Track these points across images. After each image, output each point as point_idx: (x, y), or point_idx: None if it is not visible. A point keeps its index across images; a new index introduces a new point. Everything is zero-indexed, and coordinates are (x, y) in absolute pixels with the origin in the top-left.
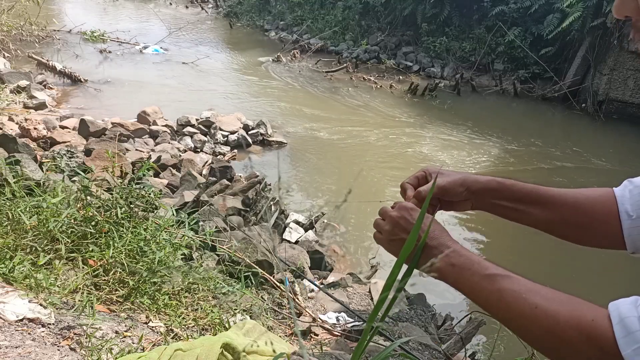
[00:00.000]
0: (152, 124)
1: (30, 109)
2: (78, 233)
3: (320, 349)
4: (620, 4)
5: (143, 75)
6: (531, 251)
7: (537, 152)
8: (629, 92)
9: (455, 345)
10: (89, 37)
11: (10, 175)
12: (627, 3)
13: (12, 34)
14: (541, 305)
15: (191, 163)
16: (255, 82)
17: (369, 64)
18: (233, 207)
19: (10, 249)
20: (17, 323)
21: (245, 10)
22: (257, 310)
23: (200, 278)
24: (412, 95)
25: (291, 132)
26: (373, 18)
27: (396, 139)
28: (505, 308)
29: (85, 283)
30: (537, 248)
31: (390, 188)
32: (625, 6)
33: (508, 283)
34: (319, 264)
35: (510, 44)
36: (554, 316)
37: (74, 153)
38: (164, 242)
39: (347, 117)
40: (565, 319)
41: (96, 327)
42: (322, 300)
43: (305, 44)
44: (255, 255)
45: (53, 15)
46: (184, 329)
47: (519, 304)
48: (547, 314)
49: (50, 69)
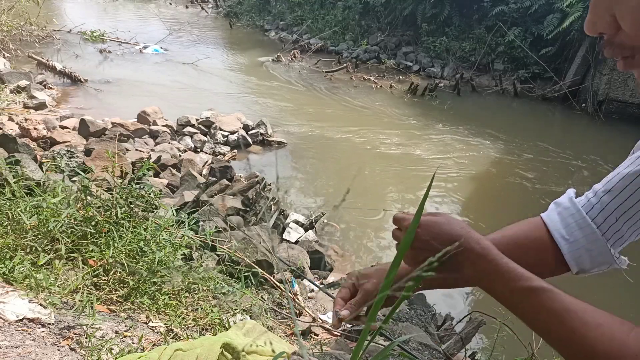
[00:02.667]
0: (152, 124)
1: (30, 109)
2: (78, 233)
3: (320, 349)
4: (593, 19)
5: (143, 75)
6: None
7: (537, 152)
8: (629, 92)
9: (455, 345)
10: (89, 37)
11: (10, 175)
12: (600, 18)
13: (12, 34)
14: (579, 330)
15: (191, 163)
16: (255, 82)
17: (369, 64)
18: (233, 207)
19: (10, 249)
20: (17, 323)
21: (245, 10)
22: (257, 310)
23: (200, 278)
24: (412, 95)
25: (291, 132)
26: (373, 18)
27: (396, 139)
28: (542, 328)
29: (85, 283)
30: None
31: (390, 188)
32: (599, 22)
33: (545, 299)
34: (319, 264)
35: (510, 44)
36: (592, 345)
37: (74, 153)
38: (164, 242)
39: (347, 117)
40: (604, 351)
41: (96, 327)
42: (322, 300)
43: (305, 44)
44: (255, 255)
45: (53, 15)
46: (184, 329)
47: (555, 326)
48: (584, 343)
49: (50, 69)
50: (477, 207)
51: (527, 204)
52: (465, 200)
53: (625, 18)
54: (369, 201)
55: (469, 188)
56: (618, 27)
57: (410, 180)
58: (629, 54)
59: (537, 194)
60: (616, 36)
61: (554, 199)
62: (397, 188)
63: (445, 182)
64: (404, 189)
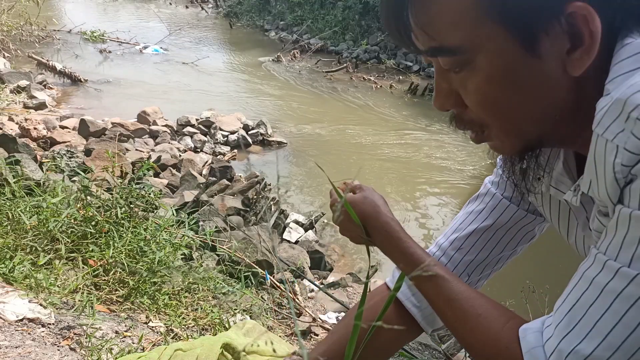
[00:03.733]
0: (152, 124)
1: (30, 109)
2: (78, 233)
3: None
4: (440, 100)
5: (143, 75)
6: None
7: None
8: None
9: (455, 345)
10: (89, 37)
11: (10, 175)
12: (447, 98)
13: (12, 34)
14: (460, 320)
15: (191, 163)
16: (255, 82)
17: (369, 64)
18: (233, 207)
19: (10, 249)
20: (17, 323)
21: (245, 10)
22: (257, 310)
23: (200, 278)
24: (412, 95)
25: (291, 132)
26: (373, 18)
27: (396, 139)
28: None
29: (85, 283)
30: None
31: (389, 188)
32: (446, 101)
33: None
34: (319, 263)
35: None
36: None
37: (74, 153)
38: (164, 242)
39: (347, 117)
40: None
41: (96, 327)
42: (322, 300)
43: (305, 44)
44: (255, 255)
45: (53, 15)
46: (184, 329)
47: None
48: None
49: (50, 69)
50: None
51: None
52: (465, 199)
53: (469, 98)
54: None
55: (469, 188)
56: (465, 104)
57: (410, 180)
58: (479, 129)
59: None
60: (464, 113)
61: None
62: (397, 188)
63: (445, 182)
64: (404, 188)
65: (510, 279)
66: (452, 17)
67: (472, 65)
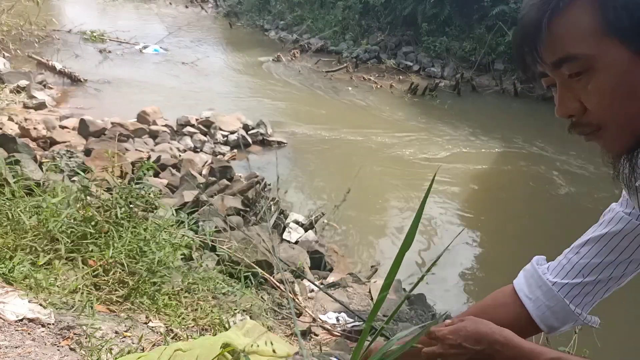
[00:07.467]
0: (152, 123)
1: (30, 109)
2: (78, 233)
3: (320, 349)
4: (563, 110)
5: (143, 75)
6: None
7: (537, 152)
8: None
9: None
10: (88, 37)
11: (10, 175)
12: (570, 106)
13: (12, 34)
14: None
15: (191, 163)
16: (255, 82)
17: (369, 64)
18: (233, 207)
19: (10, 249)
20: (17, 323)
21: (245, 10)
22: (257, 310)
23: (200, 278)
24: (412, 95)
25: (291, 132)
26: (373, 18)
27: (396, 139)
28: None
29: (85, 283)
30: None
31: (390, 187)
32: (569, 109)
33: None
34: (319, 264)
35: (511, 43)
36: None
37: (74, 153)
38: (163, 242)
39: (347, 117)
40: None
41: (96, 327)
42: (322, 300)
43: (305, 44)
44: (255, 256)
45: (53, 15)
46: (183, 329)
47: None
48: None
49: (50, 69)
50: (478, 206)
51: (528, 203)
52: (465, 199)
53: (590, 100)
54: (369, 201)
55: (469, 188)
56: (585, 109)
57: (411, 180)
58: (595, 129)
59: (538, 193)
60: (583, 117)
61: (554, 198)
62: (398, 188)
63: (446, 182)
64: (404, 188)
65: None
66: (576, 35)
67: (593, 70)
